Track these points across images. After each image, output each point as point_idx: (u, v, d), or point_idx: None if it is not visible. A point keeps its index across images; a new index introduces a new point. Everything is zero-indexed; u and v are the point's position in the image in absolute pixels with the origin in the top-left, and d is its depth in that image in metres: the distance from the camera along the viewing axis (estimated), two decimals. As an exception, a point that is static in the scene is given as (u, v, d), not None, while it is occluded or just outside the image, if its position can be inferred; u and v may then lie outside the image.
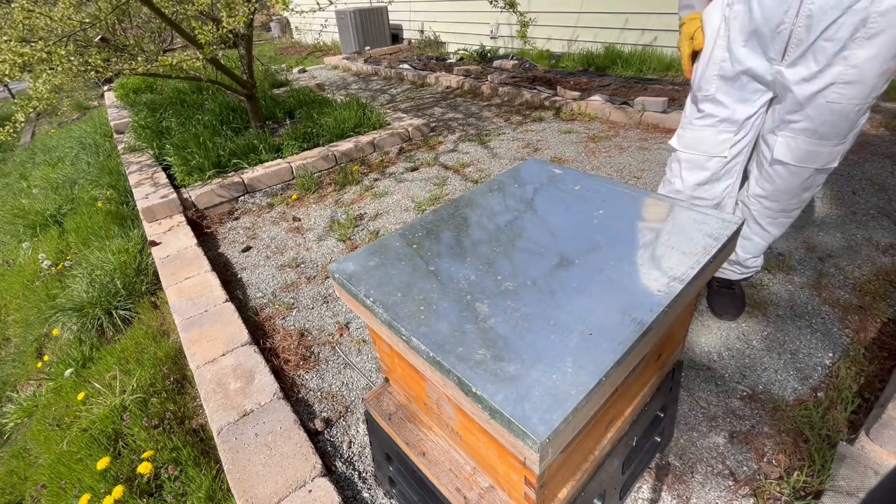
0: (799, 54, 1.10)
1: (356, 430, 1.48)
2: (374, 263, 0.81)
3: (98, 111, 5.95)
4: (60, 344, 2.10)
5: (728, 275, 1.67)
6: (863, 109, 1.13)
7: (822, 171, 1.26)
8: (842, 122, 1.14)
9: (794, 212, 1.41)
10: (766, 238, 1.49)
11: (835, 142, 1.18)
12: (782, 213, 1.41)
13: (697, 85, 1.30)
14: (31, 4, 2.43)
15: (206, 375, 1.59)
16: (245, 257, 2.45)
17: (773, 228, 1.46)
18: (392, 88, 5.48)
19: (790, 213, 1.40)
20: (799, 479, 1.18)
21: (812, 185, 1.30)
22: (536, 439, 0.51)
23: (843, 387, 1.40)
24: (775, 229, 1.46)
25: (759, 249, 1.54)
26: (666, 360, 1.03)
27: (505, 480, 0.75)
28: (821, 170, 1.25)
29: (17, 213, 3.32)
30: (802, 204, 1.37)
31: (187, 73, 3.08)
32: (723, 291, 1.71)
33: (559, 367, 0.59)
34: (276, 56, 8.76)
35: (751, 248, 1.54)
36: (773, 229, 1.46)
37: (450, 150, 3.50)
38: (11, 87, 9.24)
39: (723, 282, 1.73)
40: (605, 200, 0.94)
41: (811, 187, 1.31)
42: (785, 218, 1.43)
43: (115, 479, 1.38)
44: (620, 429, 0.89)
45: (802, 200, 1.36)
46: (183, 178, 3.01)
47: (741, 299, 1.70)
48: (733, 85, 1.23)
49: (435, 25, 7.09)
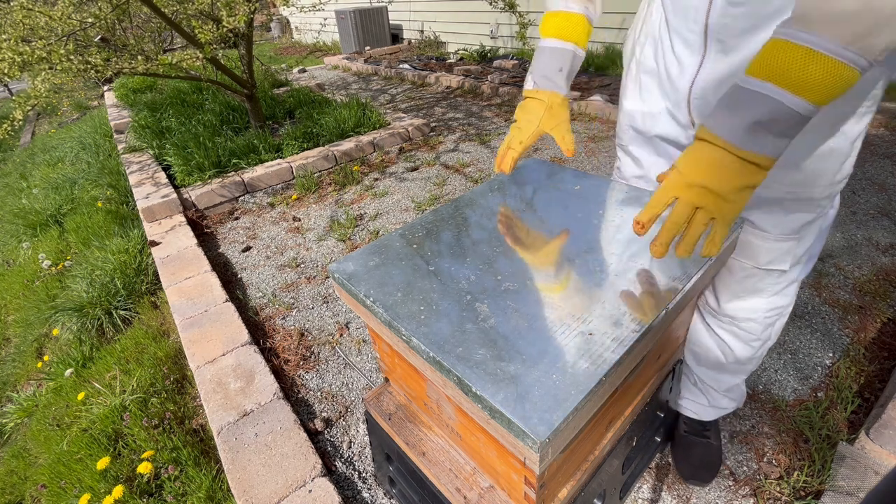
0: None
1: (356, 430, 1.47)
2: (374, 263, 0.81)
3: (98, 111, 5.95)
4: (60, 344, 2.10)
5: (701, 412, 1.19)
6: (803, 199, 0.79)
7: (769, 273, 0.89)
8: (776, 209, 0.82)
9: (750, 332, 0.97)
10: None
11: (775, 234, 0.84)
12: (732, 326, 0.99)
13: (617, 129, 1.03)
14: (31, 3, 2.43)
15: (206, 375, 1.59)
16: (245, 257, 2.45)
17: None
18: (392, 88, 5.48)
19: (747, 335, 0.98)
20: (799, 479, 1.18)
21: (757, 290, 0.92)
22: (536, 439, 0.51)
23: (843, 387, 1.40)
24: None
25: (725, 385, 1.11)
26: (666, 360, 1.03)
27: (505, 480, 0.75)
28: (764, 269, 0.89)
29: (17, 213, 3.32)
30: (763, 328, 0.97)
31: (187, 72, 3.08)
32: (692, 443, 1.23)
33: (559, 367, 0.59)
34: (276, 56, 8.76)
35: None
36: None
37: (450, 150, 3.50)
38: (11, 86, 9.24)
39: (693, 426, 1.24)
40: (605, 200, 0.94)
41: (757, 292, 0.92)
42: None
43: (115, 479, 1.38)
44: (620, 429, 0.89)
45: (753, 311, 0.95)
46: (183, 178, 3.01)
47: (717, 453, 1.22)
48: (649, 142, 0.94)
49: (435, 25, 7.09)
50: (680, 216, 0.59)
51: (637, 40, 0.90)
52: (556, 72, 0.83)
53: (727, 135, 0.56)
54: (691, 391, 1.18)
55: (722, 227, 0.59)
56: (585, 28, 0.83)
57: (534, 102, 0.86)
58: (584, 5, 0.83)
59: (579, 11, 0.82)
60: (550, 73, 0.83)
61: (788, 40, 0.52)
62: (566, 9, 0.82)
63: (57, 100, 2.45)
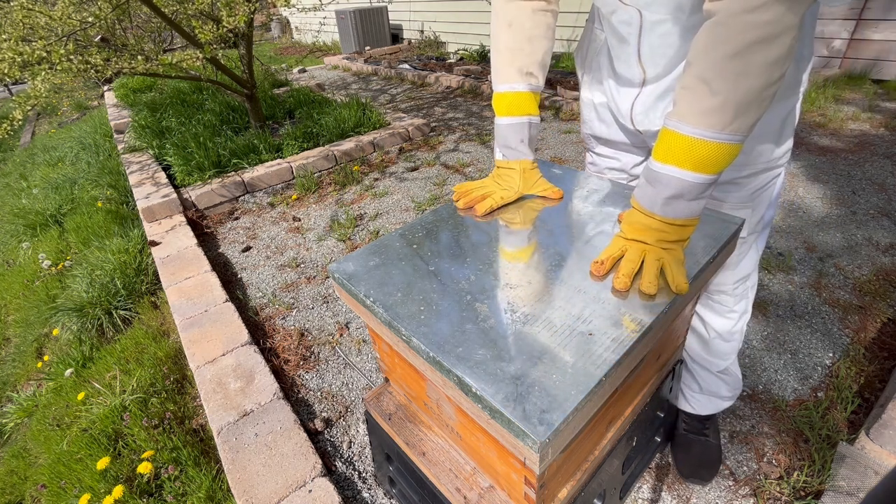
0: (651, 136, 0.93)
1: (356, 430, 1.48)
2: (374, 263, 0.81)
3: (98, 111, 5.95)
4: (60, 344, 2.10)
5: (698, 405, 1.23)
6: (750, 174, 0.88)
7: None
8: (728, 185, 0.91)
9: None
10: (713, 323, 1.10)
11: (731, 203, 0.93)
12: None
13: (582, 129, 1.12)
14: (30, 3, 2.43)
15: (206, 375, 1.59)
16: (245, 257, 2.45)
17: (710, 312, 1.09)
18: (392, 88, 5.48)
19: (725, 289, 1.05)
20: (799, 479, 1.18)
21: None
22: (536, 439, 0.51)
23: (843, 387, 1.40)
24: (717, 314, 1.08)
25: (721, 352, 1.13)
26: (666, 361, 1.03)
27: (505, 480, 0.75)
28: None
29: (17, 213, 3.32)
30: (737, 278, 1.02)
31: (187, 72, 3.08)
32: (692, 441, 1.25)
33: (559, 367, 0.59)
34: (276, 56, 8.76)
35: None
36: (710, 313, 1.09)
37: (450, 150, 3.50)
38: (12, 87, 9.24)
39: (692, 424, 1.27)
40: (605, 200, 0.94)
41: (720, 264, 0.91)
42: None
43: (115, 479, 1.38)
44: (620, 429, 0.89)
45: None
46: (183, 178, 3.01)
47: (717, 452, 1.25)
48: (609, 143, 1.06)
49: (435, 25, 7.09)
50: (632, 255, 0.71)
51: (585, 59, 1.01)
52: (519, 143, 0.92)
53: (650, 206, 0.71)
54: (685, 379, 1.21)
55: (671, 267, 0.69)
56: (534, 99, 0.92)
57: (508, 171, 0.95)
58: (527, 82, 0.90)
59: (523, 90, 0.90)
60: (514, 145, 0.93)
61: (676, 131, 0.65)
62: (511, 89, 0.91)
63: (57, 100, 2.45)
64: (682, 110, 0.64)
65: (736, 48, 0.58)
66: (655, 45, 0.80)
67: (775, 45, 0.57)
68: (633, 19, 0.79)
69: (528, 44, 0.88)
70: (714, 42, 0.60)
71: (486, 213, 0.91)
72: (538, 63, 0.90)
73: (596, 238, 0.82)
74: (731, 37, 0.58)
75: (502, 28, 0.90)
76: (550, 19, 0.90)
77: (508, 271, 0.76)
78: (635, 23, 0.80)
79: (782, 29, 0.56)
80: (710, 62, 0.60)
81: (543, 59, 0.91)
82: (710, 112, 0.61)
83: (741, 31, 0.57)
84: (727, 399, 1.21)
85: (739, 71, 0.59)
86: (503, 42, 0.90)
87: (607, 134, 1.03)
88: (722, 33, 0.59)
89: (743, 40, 0.57)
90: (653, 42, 0.80)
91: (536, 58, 0.90)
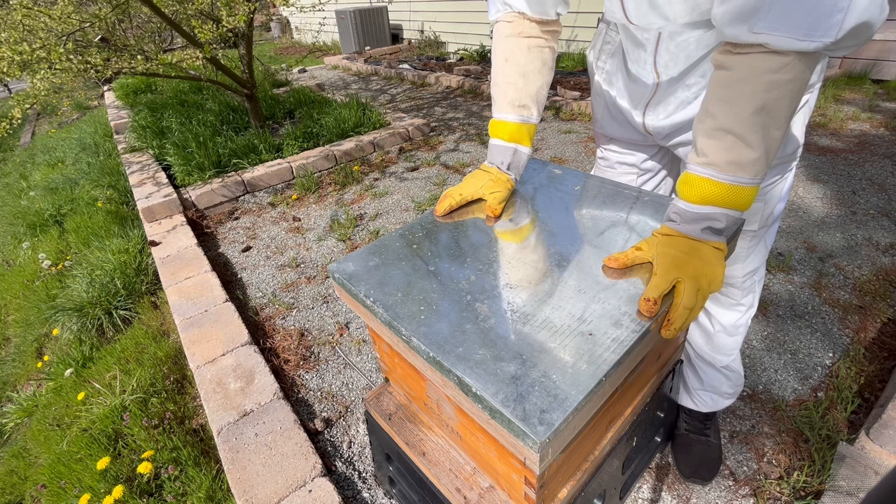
0: (661, 137, 0.98)
1: (356, 430, 1.47)
2: (374, 263, 0.81)
3: (98, 111, 5.95)
4: (60, 344, 2.10)
5: (699, 402, 1.23)
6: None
7: (741, 235, 0.97)
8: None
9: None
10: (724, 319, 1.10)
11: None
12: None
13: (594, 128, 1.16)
14: (30, 3, 2.43)
15: (206, 375, 1.59)
16: (245, 257, 2.45)
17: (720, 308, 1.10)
18: (392, 88, 5.48)
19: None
20: (799, 479, 1.18)
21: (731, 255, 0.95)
22: (536, 439, 0.51)
23: (843, 387, 1.40)
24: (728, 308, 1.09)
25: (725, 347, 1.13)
26: (666, 361, 1.03)
27: (505, 480, 0.75)
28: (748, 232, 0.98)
29: (17, 213, 3.32)
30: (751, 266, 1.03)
31: (187, 72, 3.08)
32: (692, 441, 1.26)
33: (559, 367, 0.59)
34: (276, 56, 8.76)
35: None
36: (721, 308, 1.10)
37: (450, 150, 3.50)
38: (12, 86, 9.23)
39: (693, 423, 1.28)
40: (605, 201, 0.94)
41: (730, 257, 0.96)
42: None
43: (115, 479, 1.38)
44: (620, 429, 0.89)
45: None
46: (183, 178, 3.01)
47: (717, 452, 1.25)
48: (619, 141, 1.10)
49: (435, 25, 7.09)
50: (688, 299, 0.68)
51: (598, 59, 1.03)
52: (500, 163, 0.96)
53: (688, 232, 0.72)
54: (687, 375, 1.21)
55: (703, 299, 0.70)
56: (526, 131, 0.95)
57: (482, 172, 0.98)
58: (518, 114, 0.93)
59: (514, 121, 0.93)
60: (497, 163, 0.97)
61: (719, 181, 0.67)
62: (503, 119, 0.94)
63: (57, 100, 2.45)
64: (716, 162, 0.67)
65: (762, 104, 0.62)
66: (673, 52, 0.82)
67: (797, 98, 0.63)
68: (652, 27, 0.83)
69: (522, 79, 0.92)
70: (738, 98, 0.64)
71: (444, 214, 0.94)
72: (531, 96, 0.93)
73: (596, 238, 0.82)
74: (757, 94, 0.62)
75: (500, 62, 0.94)
76: (547, 55, 0.93)
77: (508, 271, 0.76)
78: (653, 31, 0.83)
79: (802, 84, 0.62)
80: (738, 118, 0.64)
81: (538, 93, 0.94)
82: (749, 164, 0.66)
83: (766, 90, 0.62)
84: (729, 396, 1.21)
85: (768, 124, 0.63)
86: (500, 76, 0.94)
87: (618, 133, 1.07)
88: (747, 90, 0.63)
89: (768, 97, 0.62)
90: (671, 49, 0.82)
91: (530, 91, 0.92)
